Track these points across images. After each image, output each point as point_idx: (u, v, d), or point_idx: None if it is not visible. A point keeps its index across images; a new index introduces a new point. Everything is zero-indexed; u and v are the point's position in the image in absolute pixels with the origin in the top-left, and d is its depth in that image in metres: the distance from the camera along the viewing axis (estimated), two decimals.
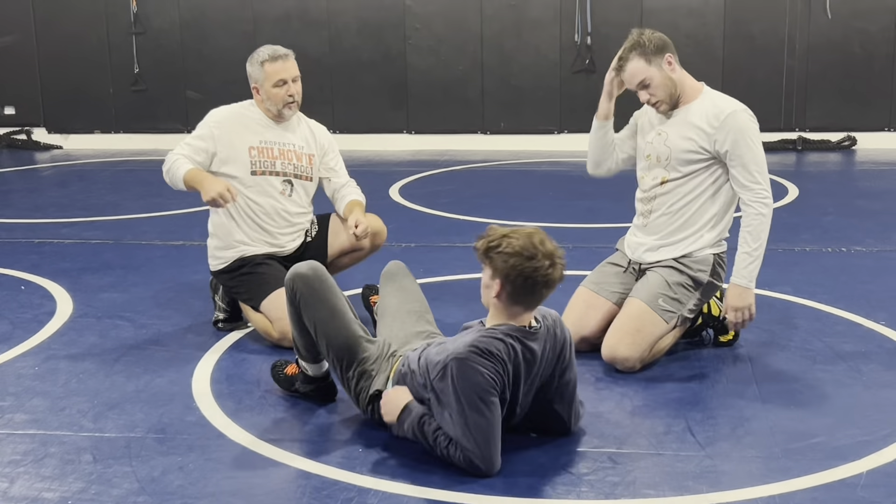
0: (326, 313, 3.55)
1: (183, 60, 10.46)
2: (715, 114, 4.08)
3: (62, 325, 4.76)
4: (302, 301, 3.57)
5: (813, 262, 5.67)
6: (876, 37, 9.62)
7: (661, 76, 4.08)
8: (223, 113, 4.60)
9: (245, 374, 4.12)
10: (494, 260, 3.21)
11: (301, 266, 3.64)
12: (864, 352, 4.24)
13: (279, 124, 4.61)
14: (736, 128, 4.04)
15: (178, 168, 4.40)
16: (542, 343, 3.27)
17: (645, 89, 4.11)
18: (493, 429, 3.14)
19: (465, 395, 3.11)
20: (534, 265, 3.16)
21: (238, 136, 4.53)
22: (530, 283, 3.17)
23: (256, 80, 4.53)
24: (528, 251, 3.17)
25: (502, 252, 3.19)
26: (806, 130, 9.86)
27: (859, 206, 7.17)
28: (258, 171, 4.53)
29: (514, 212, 7.01)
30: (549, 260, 3.18)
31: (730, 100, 4.19)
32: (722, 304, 4.27)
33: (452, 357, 3.14)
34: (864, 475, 3.16)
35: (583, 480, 3.17)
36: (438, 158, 9.67)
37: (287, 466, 3.29)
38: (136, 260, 5.95)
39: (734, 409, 3.70)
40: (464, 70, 10.13)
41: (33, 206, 7.76)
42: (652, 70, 4.07)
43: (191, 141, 4.51)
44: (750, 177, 4.04)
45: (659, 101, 4.12)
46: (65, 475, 3.25)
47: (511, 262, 3.17)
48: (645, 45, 4.06)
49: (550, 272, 3.18)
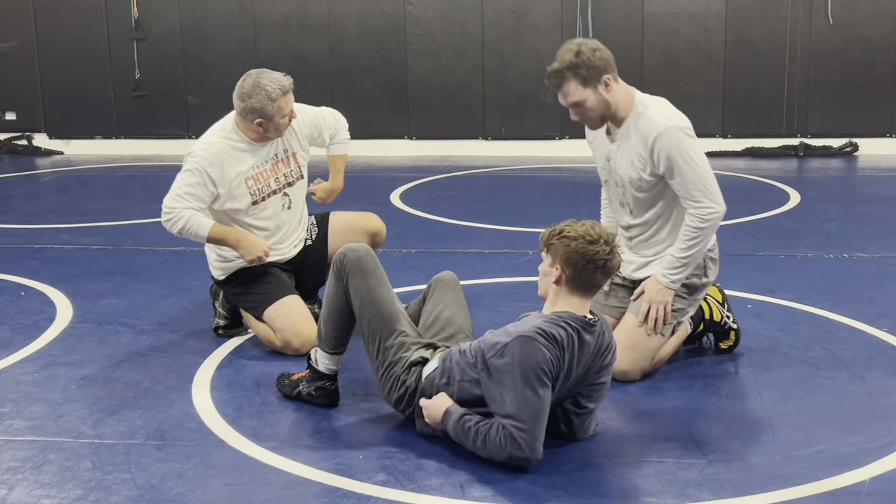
0: (375, 282, 3.68)
1: (184, 66, 10.45)
2: (645, 137, 3.93)
3: (62, 331, 4.75)
4: (350, 271, 3.68)
5: (815, 268, 5.66)
6: (877, 42, 9.61)
7: (595, 99, 3.93)
8: (211, 151, 4.36)
9: (245, 381, 4.11)
10: (556, 245, 3.34)
11: (354, 244, 3.81)
12: (867, 358, 4.22)
13: (266, 142, 4.48)
14: (667, 148, 3.88)
15: (199, 226, 4.30)
16: (596, 337, 3.34)
17: (577, 108, 3.98)
18: (543, 411, 3.21)
19: (524, 372, 3.17)
20: (595, 248, 3.30)
21: (232, 171, 4.39)
22: (591, 266, 3.30)
23: (265, 116, 4.30)
24: (591, 236, 3.32)
25: (565, 236, 3.34)
26: (807, 136, 9.84)
27: (861, 212, 7.15)
28: (258, 199, 4.47)
29: (515, 218, 7.00)
30: (609, 246, 3.32)
31: (660, 113, 3.97)
32: (723, 309, 4.26)
33: (518, 335, 3.22)
34: (866, 483, 3.15)
35: (584, 488, 3.15)
36: (439, 164, 9.66)
37: (287, 473, 3.28)
38: (137, 266, 5.94)
39: (736, 416, 3.68)
40: (464, 76, 10.12)
41: (34, 211, 7.75)
42: (587, 93, 3.91)
43: (193, 190, 4.32)
44: (687, 193, 3.92)
45: (590, 118, 4.01)
46: (64, 482, 3.24)
47: (573, 245, 3.31)
48: (581, 67, 3.88)
49: (610, 258, 3.32)
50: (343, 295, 3.71)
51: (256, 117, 4.33)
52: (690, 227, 3.94)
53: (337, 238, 4.69)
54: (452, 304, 3.87)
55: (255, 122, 4.35)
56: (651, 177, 3.99)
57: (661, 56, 9.79)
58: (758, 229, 6.64)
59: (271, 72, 4.37)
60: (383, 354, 3.60)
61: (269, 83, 4.30)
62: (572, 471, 3.26)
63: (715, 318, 4.28)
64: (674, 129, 3.90)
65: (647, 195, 4.06)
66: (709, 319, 4.27)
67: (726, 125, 9.83)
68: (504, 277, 5.51)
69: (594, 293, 3.41)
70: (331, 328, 3.76)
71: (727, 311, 4.30)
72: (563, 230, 3.36)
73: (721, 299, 4.31)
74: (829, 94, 9.76)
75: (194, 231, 4.33)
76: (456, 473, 3.23)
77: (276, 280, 4.48)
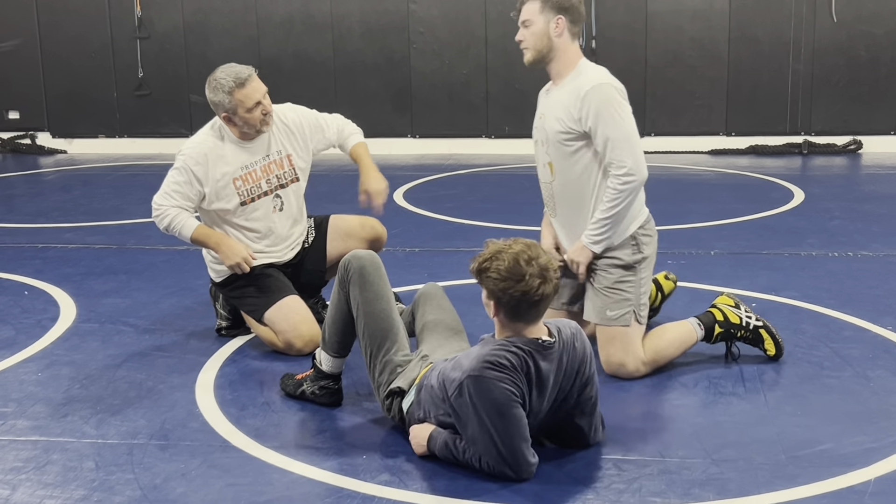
0: (373, 295, 3.62)
1: (187, 64, 10.45)
2: (577, 89, 4.00)
3: (65, 331, 4.75)
4: (352, 279, 3.65)
5: (819, 266, 5.64)
6: (881, 40, 9.59)
7: (542, 27, 4.06)
8: (198, 150, 4.37)
9: (248, 381, 4.11)
10: (486, 282, 3.19)
11: (361, 251, 3.78)
12: (872, 357, 4.21)
13: (255, 139, 4.45)
14: (597, 102, 3.94)
15: (183, 225, 4.33)
16: (559, 357, 3.22)
17: (524, 27, 4.10)
18: (517, 435, 3.13)
19: (486, 411, 3.10)
20: (523, 288, 3.12)
21: (219, 170, 4.38)
22: (524, 302, 3.14)
23: (227, 110, 4.30)
24: (516, 274, 3.12)
25: (490, 276, 3.16)
26: (811, 134, 9.83)
27: (865, 210, 7.14)
28: (247, 200, 4.45)
29: (519, 216, 6.99)
30: (539, 278, 3.13)
31: (599, 73, 4.07)
32: (739, 311, 4.20)
33: (467, 375, 3.12)
34: (872, 482, 3.14)
35: (588, 487, 3.14)
36: (443, 162, 9.66)
37: (290, 473, 3.28)
38: (140, 265, 5.94)
39: (740, 415, 3.67)
40: (468, 74, 10.11)
41: (37, 210, 7.76)
42: (539, 17, 4.06)
43: (180, 188, 4.34)
44: (611, 152, 3.94)
45: (527, 47, 4.13)
46: (67, 482, 3.23)
47: (501, 285, 3.14)
48: None
49: (542, 290, 3.14)
50: (345, 301, 3.70)
51: (222, 112, 4.35)
52: (611, 189, 3.96)
53: (336, 244, 4.67)
54: (436, 310, 3.87)
55: (222, 116, 4.36)
56: (572, 131, 4.02)
57: (664, 53, 9.78)
58: (762, 227, 6.63)
59: (234, 65, 4.37)
60: (373, 370, 3.59)
61: (225, 76, 4.30)
62: (576, 470, 3.26)
63: (732, 321, 4.16)
64: (607, 87, 3.98)
65: (567, 148, 4.06)
66: (723, 321, 4.16)
67: (730, 123, 9.82)
68: None
69: (539, 318, 3.22)
70: (334, 332, 3.75)
71: (746, 312, 4.20)
72: (489, 266, 3.16)
73: (733, 303, 4.23)
74: (834, 92, 9.74)
75: (178, 230, 4.36)
76: (459, 474, 3.22)
77: (274, 281, 4.47)
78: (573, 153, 4.07)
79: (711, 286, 5.20)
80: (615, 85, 4.02)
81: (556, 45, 4.08)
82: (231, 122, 4.37)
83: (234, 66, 4.36)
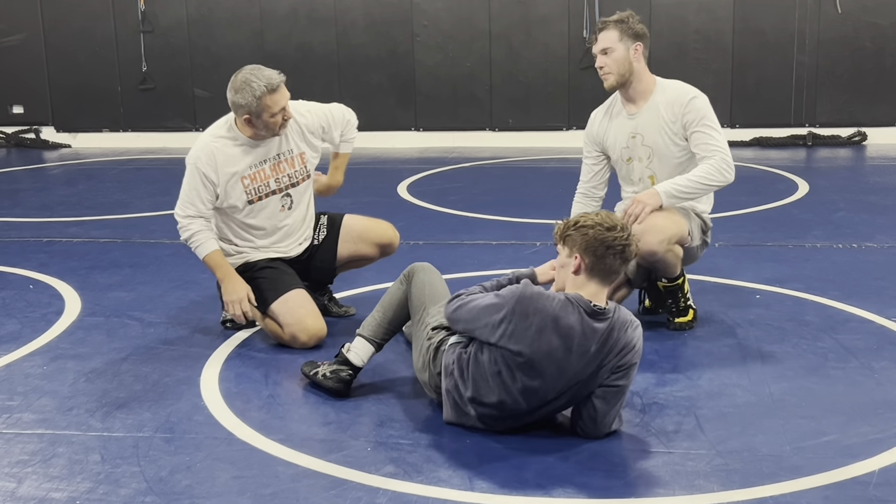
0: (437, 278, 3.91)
1: (191, 58, 10.46)
2: (676, 100, 4.41)
3: (70, 325, 4.76)
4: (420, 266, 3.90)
5: (824, 258, 5.64)
6: (886, 31, 9.57)
7: (623, 53, 4.39)
8: (206, 150, 4.36)
9: (253, 373, 4.11)
10: (573, 236, 3.37)
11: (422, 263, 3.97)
12: (876, 348, 4.21)
13: (265, 140, 4.43)
14: (699, 108, 4.38)
15: (200, 245, 4.37)
16: (608, 328, 3.31)
17: (604, 55, 4.41)
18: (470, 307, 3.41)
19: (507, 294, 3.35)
20: (614, 234, 3.33)
21: (229, 171, 4.38)
22: (611, 252, 3.33)
23: (252, 112, 4.27)
24: (608, 223, 3.36)
25: (582, 226, 3.36)
26: (816, 126, 9.82)
27: (870, 201, 7.13)
28: (255, 199, 4.45)
29: (523, 209, 7.00)
30: (625, 232, 3.37)
31: (687, 85, 4.49)
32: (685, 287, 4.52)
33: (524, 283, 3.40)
34: (876, 473, 3.14)
35: (592, 479, 3.15)
36: (446, 156, 9.65)
37: (296, 466, 3.28)
38: (145, 259, 5.95)
39: (745, 406, 3.67)
40: (472, 67, 10.10)
41: (42, 204, 7.77)
42: (619, 45, 4.39)
43: (192, 194, 4.36)
44: (715, 147, 4.32)
45: (609, 72, 4.41)
46: (73, 475, 3.24)
47: (591, 233, 3.33)
48: (626, 23, 4.41)
49: (628, 243, 3.35)
50: (404, 293, 3.84)
51: (244, 113, 4.30)
52: (711, 167, 4.29)
53: (347, 245, 4.67)
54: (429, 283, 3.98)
55: (243, 118, 4.32)
56: (682, 140, 4.40)
57: (669, 45, 9.76)
58: (766, 219, 6.62)
59: (263, 68, 4.32)
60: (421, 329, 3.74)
61: (256, 80, 4.25)
62: (580, 462, 3.26)
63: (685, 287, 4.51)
64: (705, 98, 4.43)
65: (678, 162, 4.44)
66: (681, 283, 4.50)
67: (735, 115, 9.81)
68: (512, 268, 5.49)
69: (612, 280, 3.42)
70: (381, 316, 3.86)
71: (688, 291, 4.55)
72: (579, 221, 3.39)
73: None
74: (838, 84, 9.73)
75: (195, 248, 4.42)
76: (464, 465, 3.23)
77: (281, 274, 4.47)
78: (681, 163, 4.44)
79: (716, 278, 5.20)
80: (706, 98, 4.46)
81: (636, 69, 4.42)
82: (251, 125, 4.35)
83: (264, 70, 4.31)
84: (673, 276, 4.44)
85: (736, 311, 4.72)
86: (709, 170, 4.28)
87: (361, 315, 4.77)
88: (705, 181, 4.28)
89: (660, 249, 4.24)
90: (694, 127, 4.35)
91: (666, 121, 4.39)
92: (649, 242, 4.20)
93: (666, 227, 4.25)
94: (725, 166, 4.29)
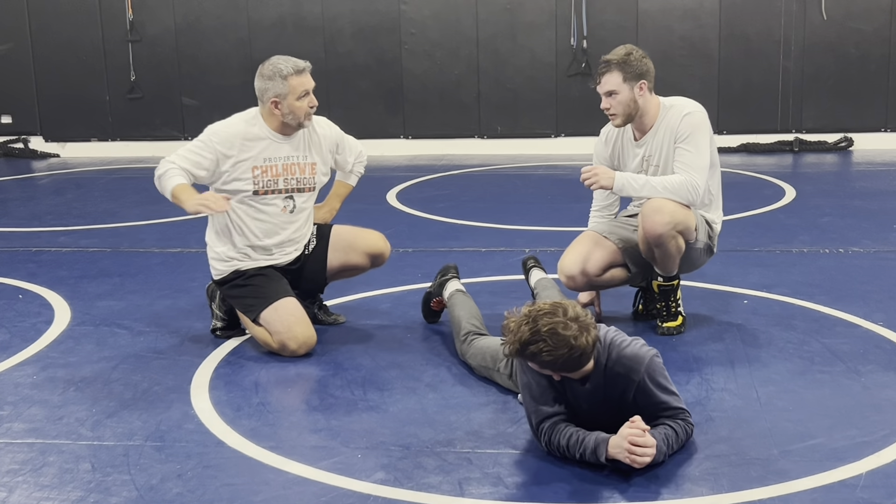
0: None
1: (179, 67, 10.46)
2: (675, 117, 4.43)
3: (60, 334, 4.76)
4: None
5: (810, 263, 5.67)
6: (871, 37, 9.64)
7: (628, 96, 4.40)
8: (228, 131, 4.41)
9: (243, 381, 4.12)
10: (536, 361, 3.20)
11: None
12: (863, 353, 4.24)
13: (288, 136, 4.47)
14: (693, 122, 4.40)
15: (169, 180, 4.25)
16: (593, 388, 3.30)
17: (608, 97, 4.43)
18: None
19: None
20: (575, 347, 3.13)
21: (243, 155, 4.40)
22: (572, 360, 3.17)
23: (278, 95, 4.35)
24: (564, 344, 3.12)
25: (542, 355, 3.14)
26: (802, 132, 9.87)
27: (856, 206, 7.17)
28: (261, 191, 4.46)
29: (512, 216, 7.02)
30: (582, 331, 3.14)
31: (687, 101, 4.53)
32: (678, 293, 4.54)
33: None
34: (863, 476, 3.16)
35: (582, 484, 3.16)
36: (435, 163, 9.67)
37: (286, 473, 3.29)
38: (134, 267, 5.95)
39: (732, 410, 3.69)
40: (459, 74, 10.13)
41: (30, 214, 7.76)
42: (624, 87, 4.39)
43: (192, 155, 4.35)
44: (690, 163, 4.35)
45: (615, 114, 4.45)
46: (63, 484, 3.24)
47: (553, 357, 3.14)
48: (628, 65, 4.40)
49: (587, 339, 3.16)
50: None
51: (272, 96, 4.38)
52: (677, 181, 4.33)
53: (337, 255, 4.68)
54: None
55: (270, 101, 4.38)
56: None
57: (654, 52, 9.68)
58: (753, 225, 6.66)
59: (288, 56, 4.49)
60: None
61: (283, 62, 4.41)
62: (569, 467, 3.27)
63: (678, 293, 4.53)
64: (702, 113, 4.46)
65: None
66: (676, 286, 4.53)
67: (721, 121, 9.85)
68: (501, 276, 5.52)
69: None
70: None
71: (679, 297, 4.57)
72: (536, 350, 3.14)
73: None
74: (824, 89, 9.78)
75: (164, 182, 4.26)
76: (454, 471, 3.25)
77: (271, 282, 4.47)
78: None
79: (704, 283, 5.23)
80: (705, 113, 4.48)
81: (642, 105, 4.45)
82: (277, 109, 4.39)
83: (291, 57, 4.47)
84: (671, 272, 4.45)
85: (723, 316, 4.74)
86: (675, 183, 4.31)
87: (351, 324, 4.79)
88: (665, 192, 4.30)
89: (665, 231, 4.26)
90: (679, 142, 4.39)
91: (669, 140, 4.44)
92: (656, 222, 4.24)
93: (675, 211, 4.28)
94: (691, 188, 4.31)
